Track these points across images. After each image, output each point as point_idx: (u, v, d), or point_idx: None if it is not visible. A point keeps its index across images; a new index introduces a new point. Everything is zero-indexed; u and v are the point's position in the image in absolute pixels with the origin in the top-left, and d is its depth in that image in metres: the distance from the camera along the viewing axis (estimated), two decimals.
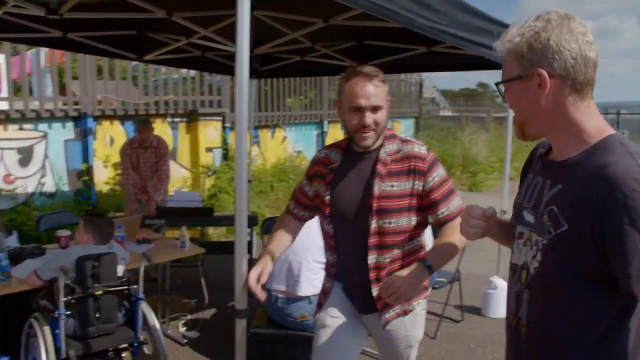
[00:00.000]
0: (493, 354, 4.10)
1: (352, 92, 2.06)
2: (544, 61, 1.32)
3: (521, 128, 1.45)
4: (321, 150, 2.30)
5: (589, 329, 1.32)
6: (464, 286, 4.90)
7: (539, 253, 1.38)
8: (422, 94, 16.05)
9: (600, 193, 1.23)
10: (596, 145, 1.33)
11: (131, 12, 3.80)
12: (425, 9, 3.08)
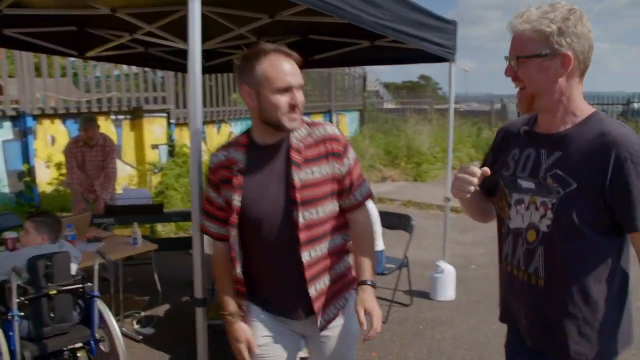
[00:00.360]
0: (441, 334, 4.30)
1: (278, 71, 1.83)
2: (571, 45, 1.54)
3: (530, 100, 1.62)
4: (217, 153, 2.00)
5: (600, 267, 1.59)
6: (412, 272, 5.08)
7: (549, 212, 1.59)
8: (365, 87, 16.29)
9: (606, 153, 1.51)
10: (586, 119, 1.61)
11: (74, 9, 3.76)
12: (369, 5, 3.21)
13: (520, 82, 1.62)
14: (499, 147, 1.87)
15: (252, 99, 1.87)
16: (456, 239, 7.27)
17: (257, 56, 1.84)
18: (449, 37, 4.60)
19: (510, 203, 1.72)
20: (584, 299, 1.60)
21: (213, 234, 2.05)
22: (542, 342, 1.69)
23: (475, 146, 15.51)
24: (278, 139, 1.94)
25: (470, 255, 6.57)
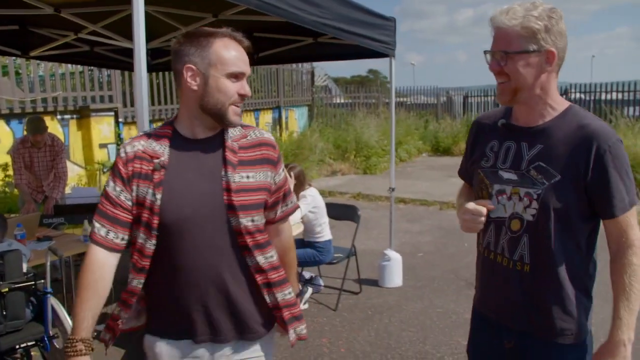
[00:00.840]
0: (389, 318, 4.50)
1: (230, 55, 1.65)
2: (556, 42, 1.63)
3: (513, 93, 1.69)
4: (131, 142, 1.72)
5: (581, 250, 1.71)
6: (362, 261, 5.29)
7: (534, 202, 1.67)
8: (314, 83, 16.43)
9: (586, 146, 1.61)
10: (563, 112, 1.70)
11: (16, 9, 3.76)
12: (308, 5, 3.37)
13: (504, 76, 1.67)
14: (474, 139, 1.94)
15: (197, 81, 1.65)
16: (404, 228, 7.54)
17: (210, 36, 1.66)
18: (389, 34, 4.81)
19: (491, 193, 1.76)
20: (568, 280, 1.70)
21: (100, 240, 1.67)
22: (528, 323, 1.76)
23: (422, 138, 15.93)
24: (210, 134, 1.73)
25: (418, 243, 6.82)
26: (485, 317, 1.91)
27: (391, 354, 3.86)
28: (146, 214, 1.66)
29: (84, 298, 1.63)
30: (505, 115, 1.82)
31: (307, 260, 4.63)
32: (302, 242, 4.71)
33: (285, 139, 13.76)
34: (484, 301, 1.92)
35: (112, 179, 1.70)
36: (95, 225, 1.69)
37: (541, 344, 1.76)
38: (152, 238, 1.66)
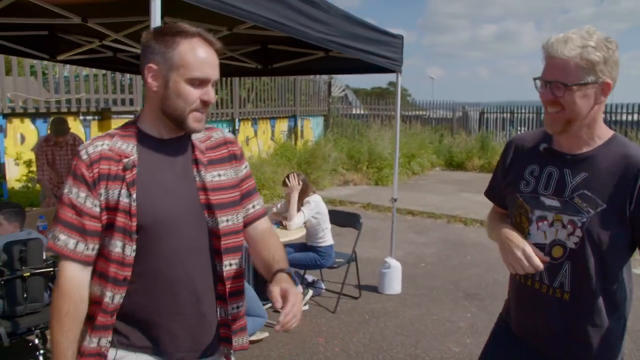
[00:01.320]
0: (385, 322, 4.68)
1: (195, 58, 1.53)
2: (612, 73, 1.61)
3: (566, 124, 1.65)
4: (93, 143, 1.58)
5: (619, 279, 1.73)
6: (365, 268, 5.49)
7: (578, 230, 1.65)
8: (330, 93, 16.69)
9: (632, 176, 1.61)
10: (608, 141, 1.69)
11: (46, 18, 4.06)
12: (316, 22, 3.61)
13: (558, 106, 1.64)
14: (509, 158, 1.92)
15: (158, 82, 1.55)
16: (410, 239, 7.72)
17: (178, 35, 1.53)
18: (395, 50, 5.04)
19: (531, 219, 1.75)
20: (606, 309, 1.71)
21: (71, 254, 1.53)
22: (565, 351, 1.77)
23: (436, 152, 16.06)
24: (175, 135, 1.65)
25: (422, 254, 6.99)
26: (514, 335, 1.93)
27: (382, 355, 4.05)
28: (121, 217, 1.53)
29: (66, 326, 1.52)
30: (546, 140, 1.81)
31: (309, 263, 4.86)
32: (305, 246, 4.94)
33: (300, 147, 14.03)
34: (521, 326, 1.91)
35: (74, 184, 1.54)
36: (59, 238, 1.53)
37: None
38: (132, 243, 1.54)
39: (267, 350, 4.09)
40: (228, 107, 11.69)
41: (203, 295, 1.64)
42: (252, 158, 12.14)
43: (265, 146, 13.11)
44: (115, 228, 1.54)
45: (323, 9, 3.69)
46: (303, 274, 5.33)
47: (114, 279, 1.55)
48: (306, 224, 4.83)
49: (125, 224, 1.53)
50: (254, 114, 12.66)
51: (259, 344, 4.16)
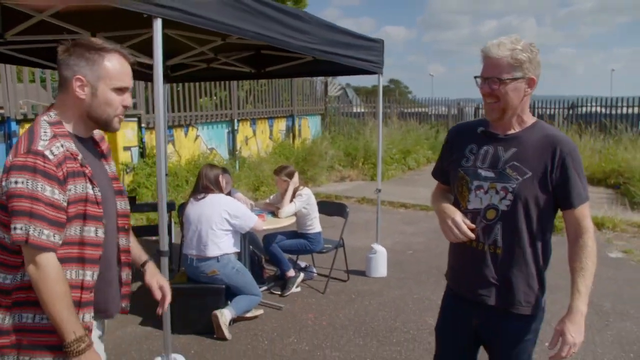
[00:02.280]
0: (369, 301, 5.17)
1: (118, 71, 1.84)
2: (535, 71, 2.01)
3: (502, 112, 2.03)
4: (51, 145, 1.74)
5: (543, 235, 2.09)
6: (356, 255, 5.95)
7: (509, 194, 2.02)
8: (327, 93, 17.14)
9: (552, 150, 2.00)
10: (532, 125, 2.09)
11: (58, 34, 4.55)
12: (298, 32, 4.08)
13: (494, 97, 2.01)
14: (452, 141, 2.30)
15: (85, 91, 1.81)
16: (400, 229, 8.19)
17: (101, 50, 1.82)
18: (376, 54, 5.52)
19: (470, 188, 2.10)
20: (532, 260, 2.07)
21: (55, 247, 1.73)
22: (497, 297, 2.10)
23: (432, 148, 16.47)
24: (89, 135, 1.96)
25: (410, 243, 7.45)
26: (458, 296, 2.25)
27: (364, 328, 4.54)
28: (91, 207, 1.81)
29: (68, 303, 1.73)
30: (484, 125, 2.19)
31: (300, 248, 5.37)
32: (295, 234, 5.44)
33: (298, 145, 14.50)
34: (460, 282, 2.25)
35: (47, 183, 1.69)
36: (43, 233, 1.68)
37: (504, 316, 2.12)
38: (102, 226, 1.85)
39: (262, 325, 4.58)
40: (227, 108, 12.16)
41: (116, 266, 2.03)
42: (252, 157, 12.60)
43: (264, 145, 13.58)
44: (87, 216, 1.80)
45: (305, 20, 4.17)
46: (296, 259, 5.82)
47: (91, 260, 1.83)
48: (297, 214, 5.32)
49: (95, 211, 1.82)
50: (253, 115, 13.12)
51: (254, 320, 4.65)
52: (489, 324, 2.17)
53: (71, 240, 1.78)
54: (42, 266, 1.69)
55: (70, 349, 1.73)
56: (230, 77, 7.65)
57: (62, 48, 1.82)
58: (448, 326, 2.35)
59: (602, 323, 4.60)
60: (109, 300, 1.98)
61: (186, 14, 2.97)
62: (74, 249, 1.79)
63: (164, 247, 2.96)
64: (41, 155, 1.70)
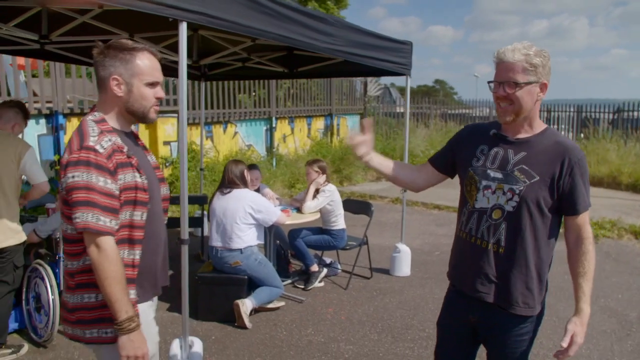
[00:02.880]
0: (389, 299, 5.27)
1: (148, 67, 2.02)
2: (547, 76, 2.07)
3: (515, 115, 2.07)
4: (100, 140, 1.94)
5: (546, 238, 2.13)
6: (383, 254, 6.03)
7: (515, 196, 2.06)
8: (366, 92, 17.22)
9: (562, 157, 2.04)
10: (543, 131, 2.14)
11: (101, 35, 4.83)
12: (323, 35, 4.22)
13: (508, 101, 2.05)
14: (466, 139, 2.33)
15: (122, 89, 2.01)
16: (431, 230, 8.22)
17: (133, 50, 2.01)
18: (405, 55, 5.61)
19: (478, 188, 2.16)
20: (534, 262, 2.10)
21: (113, 232, 1.91)
22: (496, 296, 2.14)
23: None
24: (130, 129, 2.16)
25: (439, 244, 7.45)
26: (459, 292, 2.30)
27: (381, 324, 4.65)
28: (140, 194, 2.00)
29: (123, 284, 1.90)
30: (496, 127, 2.23)
31: (323, 244, 5.51)
32: (320, 230, 5.59)
33: (335, 144, 14.65)
34: (461, 278, 2.30)
35: (99, 174, 1.87)
36: (100, 219, 1.85)
37: (503, 315, 2.16)
38: (146, 211, 2.04)
39: (282, 316, 4.76)
40: (266, 106, 12.41)
41: (164, 248, 2.22)
42: (289, 154, 12.82)
43: (302, 143, 13.78)
44: (137, 202, 2.00)
45: (329, 23, 4.31)
46: (321, 255, 5.98)
47: (138, 240, 2.03)
48: (321, 210, 5.47)
49: (143, 197, 2.01)
50: (291, 113, 13.34)
51: (275, 311, 4.83)
52: (486, 321, 2.23)
53: (122, 224, 1.97)
54: (101, 249, 1.87)
55: (122, 326, 1.89)
56: (264, 77, 7.85)
57: (97, 50, 2.00)
58: (448, 321, 2.42)
59: (624, 332, 4.56)
60: (157, 277, 2.18)
61: (210, 17, 3.14)
62: (125, 232, 1.98)
63: (185, 235, 3.15)
64: (92, 149, 1.89)
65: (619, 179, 12.04)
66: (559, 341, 2.11)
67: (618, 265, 6.44)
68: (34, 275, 4.00)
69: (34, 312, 4.04)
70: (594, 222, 8.03)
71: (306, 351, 4.11)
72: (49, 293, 3.84)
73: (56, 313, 3.84)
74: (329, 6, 18.26)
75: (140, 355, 1.93)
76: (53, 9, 4.08)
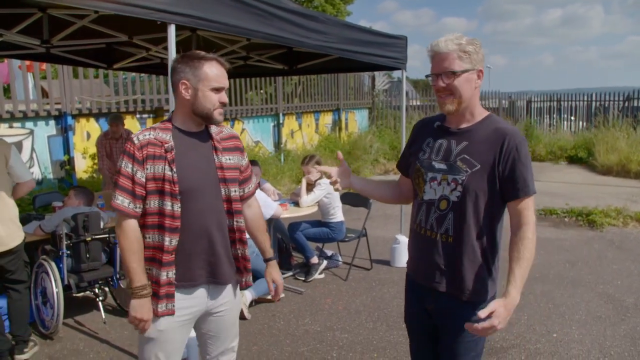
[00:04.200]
0: (388, 289, 5.39)
1: (214, 74, 2.19)
2: (481, 63, 2.09)
3: (458, 105, 2.08)
4: (142, 133, 2.21)
5: (491, 226, 2.13)
6: (386, 246, 6.10)
7: (459, 186, 2.07)
8: (374, 87, 17.29)
9: (501, 143, 2.05)
10: (484, 119, 2.14)
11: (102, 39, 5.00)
12: (313, 32, 4.32)
13: (448, 91, 2.07)
14: (417, 135, 2.35)
15: (189, 92, 2.20)
16: None
17: (202, 59, 2.20)
18: (400, 50, 5.70)
19: (425, 180, 2.18)
20: (480, 249, 2.11)
21: (126, 210, 2.16)
22: (448, 284, 2.15)
23: None
24: (200, 129, 2.31)
25: None
26: (415, 283, 2.32)
27: (377, 313, 4.77)
28: (167, 185, 2.17)
29: (137, 257, 2.17)
30: (440, 119, 2.25)
31: (322, 237, 5.64)
32: (319, 222, 5.72)
33: (344, 138, 14.76)
34: (415, 269, 2.31)
35: (128, 160, 2.17)
36: (119, 198, 2.16)
37: (455, 303, 2.16)
38: (177, 202, 2.18)
39: (281, 307, 4.91)
40: (273, 102, 12.54)
41: (217, 242, 2.30)
42: (297, 150, 12.96)
43: (310, 138, 13.91)
44: (165, 193, 2.18)
45: (320, 21, 4.42)
46: (322, 247, 6.11)
47: (169, 229, 2.19)
48: (319, 203, 5.60)
49: (171, 189, 2.17)
50: (298, 109, 13.47)
51: (275, 302, 4.96)
52: (441, 309, 2.23)
53: (152, 211, 2.20)
54: (119, 225, 2.19)
55: (135, 291, 2.17)
56: (265, 74, 7.98)
57: (175, 58, 2.25)
58: (410, 313, 2.44)
59: (618, 317, 4.62)
60: (192, 269, 2.27)
61: (197, 19, 3.27)
62: (154, 217, 2.20)
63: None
64: (131, 140, 2.20)
65: (628, 167, 12.01)
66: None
67: (621, 252, 6.49)
68: (41, 270, 4.18)
69: (41, 305, 4.23)
70: (599, 211, 8.07)
71: (302, 340, 4.25)
72: (53, 287, 4.02)
73: (60, 305, 4.02)
74: (335, 1, 18.31)
75: (145, 319, 2.19)
76: (53, 14, 4.24)
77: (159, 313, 2.21)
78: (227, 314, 2.43)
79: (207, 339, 2.47)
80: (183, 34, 5.10)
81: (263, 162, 10.34)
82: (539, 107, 18.77)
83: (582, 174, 12.66)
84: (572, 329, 4.34)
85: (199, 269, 2.28)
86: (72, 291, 4.27)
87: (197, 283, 2.29)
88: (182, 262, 2.24)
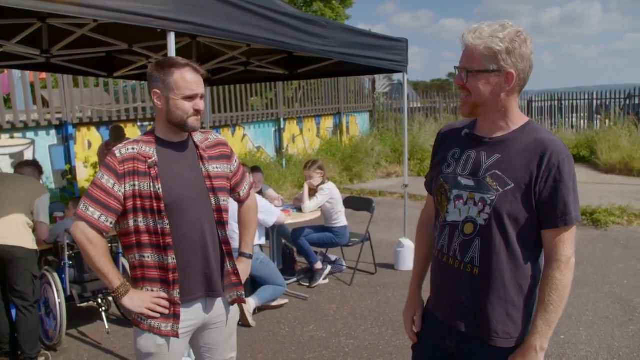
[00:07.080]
0: (393, 293, 5.36)
1: (186, 81, 2.11)
2: (515, 64, 1.70)
3: (473, 107, 1.78)
4: (125, 146, 2.15)
5: (526, 257, 1.76)
6: (385, 250, 6.09)
7: (487, 207, 1.72)
8: (375, 90, 17.27)
9: (540, 157, 1.69)
10: (522, 127, 1.78)
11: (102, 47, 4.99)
12: (313, 37, 4.31)
13: (466, 90, 1.76)
14: (439, 143, 2.01)
15: (162, 102, 2.13)
16: None
17: (173, 66, 2.12)
18: (400, 53, 5.68)
19: (449, 198, 1.83)
20: (512, 285, 1.75)
21: (96, 222, 2.06)
22: (472, 325, 1.80)
23: None
24: (182, 138, 2.23)
25: None
26: (434, 317, 1.96)
27: (383, 318, 4.74)
28: (152, 202, 2.09)
29: (108, 258, 2.14)
30: (470, 126, 1.90)
31: (326, 241, 5.62)
32: (322, 228, 5.70)
33: (345, 142, 14.74)
34: (435, 302, 1.97)
35: (106, 172, 2.09)
36: (89, 209, 2.06)
37: (481, 346, 1.80)
38: (164, 219, 2.10)
39: (286, 313, 4.88)
40: (274, 107, 12.54)
41: (211, 253, 2.23)
42: (298, 155, 12.94)
43: (311, 143, 13.90)
44: (147, 210, 2.10)
45: (320, 25, 4.41)
46: (325, 252, 6.08)
47: (164, 247, 2.11)
48: (322, 208, 5.58)
49: (156, 205, 2.09)
50: (299, 113, 13.47)
51: (279, 308, 4.95)
52: (462, 350, 1.89)
53: (142, 229, 2.11)
54: (83, 235, 2.08)
55: (118, 293, 2.13)
56: (266, 79, 7.99)
57: (149, 67, 2.18)
58: (423, 345, 2.07)
59: (626, 317, 4.59)
60: (190, 283, 2.20)
61: (197, 26, 3.25)
62: (143, 236, 2.11)
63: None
64: (112, 153, 2.13)
65: (631, 165, 11.98)
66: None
67: (626, 251, 6.44)
68: (43, 281, 4.16)
69: (45, 317, 4.21)
70: (603, 209, 8.01)
71: (307, 347, 4.22)
72: (56, 297, 4.00)
73: (63, 316, 4.00)
74: (334, 5, 18.34)
75: (149, 307, 2.13)
76: (52, 24, 4.23)
77: (163, 332, 2.16)
78: (223, 325, 2.37)
79: (204, 352, 2.39)
80: (183, 41, 5.10)
81: (265, 167, 10.33)
82: (539, 107, 18.73)
83: (585, 172, 12.60)
84: (579, 330, 4.31)
85: (196, 283, 2.22)
86: (75, 302, 4.24)
87: (196, 297, 2.23)
88: (180, 277, 2.18)
